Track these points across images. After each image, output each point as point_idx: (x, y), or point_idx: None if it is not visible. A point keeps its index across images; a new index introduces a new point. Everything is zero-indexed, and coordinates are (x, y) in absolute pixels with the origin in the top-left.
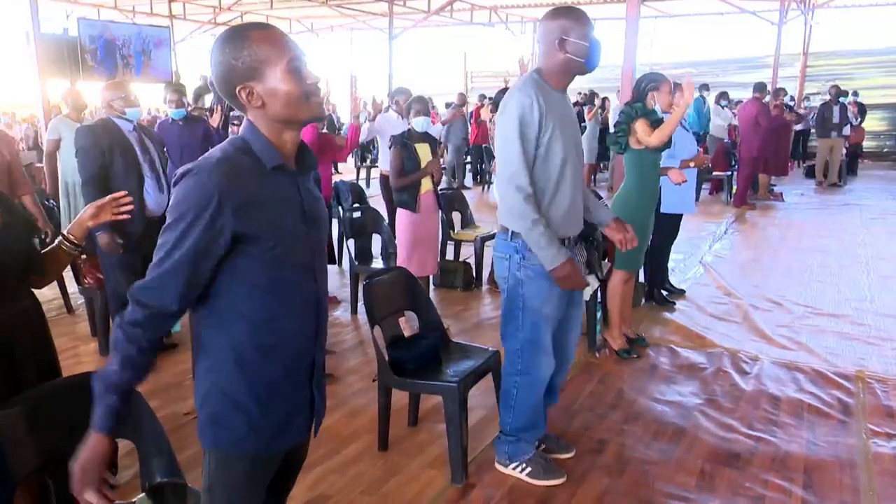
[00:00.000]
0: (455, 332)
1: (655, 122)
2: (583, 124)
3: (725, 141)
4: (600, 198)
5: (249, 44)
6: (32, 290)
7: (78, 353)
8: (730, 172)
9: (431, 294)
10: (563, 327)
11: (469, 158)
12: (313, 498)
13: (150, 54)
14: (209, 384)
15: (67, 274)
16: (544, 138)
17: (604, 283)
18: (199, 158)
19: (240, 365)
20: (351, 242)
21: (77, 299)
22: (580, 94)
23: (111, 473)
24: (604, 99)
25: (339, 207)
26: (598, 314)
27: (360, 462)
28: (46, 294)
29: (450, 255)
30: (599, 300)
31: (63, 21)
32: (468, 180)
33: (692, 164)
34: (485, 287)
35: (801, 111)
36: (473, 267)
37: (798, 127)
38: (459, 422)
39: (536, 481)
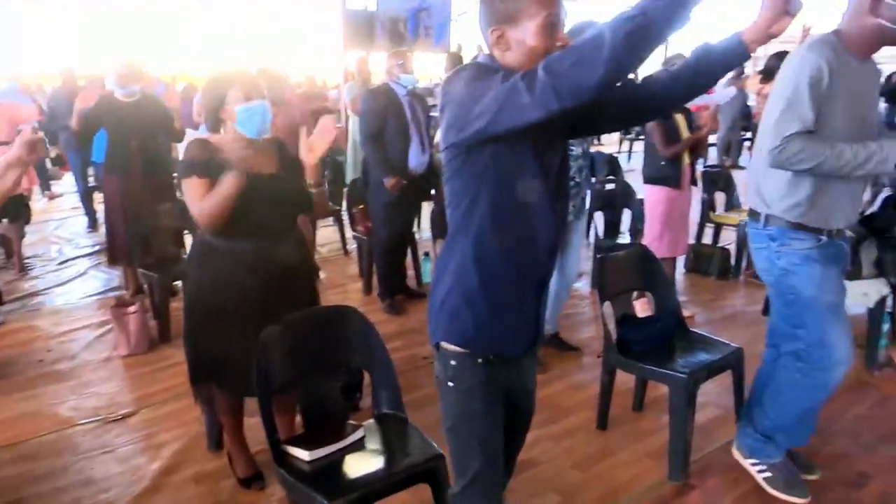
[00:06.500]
0: (700, 321)
1: None
2: None
3: None
4: None
5: None
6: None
7: (346, 289)
8: None
9: (681, 278)
10: None
11: (749, 135)
12: (523, 460)
13: (443, 27)
14: (451, 281)
15: (346, 219)
16: (825, 108)
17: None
18: None
19: (479, 261)
20: (599, 215)
21: (352, 243)
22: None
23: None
24: None
25: (593, 178)
26: (886, 326)
27: (575, 436)
28: (330, 236)
29: (707, 239)
30: (889, 309)
31: None
32: (744, 159)
33: None
34: (742, 277)
35: None
36: (733, 254)
37: None
38: (685, 416)
39: (773, 490)
